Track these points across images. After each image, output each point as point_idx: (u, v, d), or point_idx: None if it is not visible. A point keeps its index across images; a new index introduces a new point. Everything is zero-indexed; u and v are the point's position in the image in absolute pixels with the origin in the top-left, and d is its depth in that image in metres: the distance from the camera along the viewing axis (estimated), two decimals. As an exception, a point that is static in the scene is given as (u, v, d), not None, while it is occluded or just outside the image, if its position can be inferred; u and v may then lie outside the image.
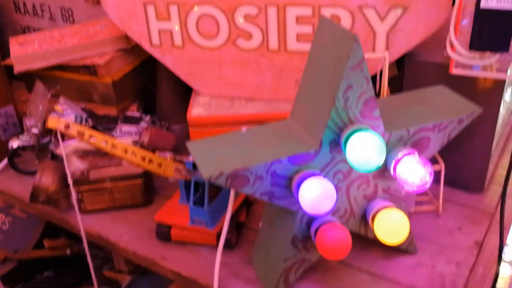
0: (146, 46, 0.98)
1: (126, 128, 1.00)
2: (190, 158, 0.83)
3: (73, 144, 0.90)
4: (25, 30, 1.33)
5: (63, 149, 0.89)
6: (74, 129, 0.65)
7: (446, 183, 0.86)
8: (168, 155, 0.79)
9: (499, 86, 0.80)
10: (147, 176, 0.92)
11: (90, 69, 0.99)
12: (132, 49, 1.05)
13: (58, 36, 1.03)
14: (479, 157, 0.87)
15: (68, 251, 1.54)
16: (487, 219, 0.86)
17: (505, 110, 0.90)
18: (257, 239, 0.80)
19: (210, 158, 0.64)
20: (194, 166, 0.83)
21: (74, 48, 0.99)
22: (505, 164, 0.92)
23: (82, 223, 0.91)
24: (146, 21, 0.95)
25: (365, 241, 0.79)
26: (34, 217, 1.68)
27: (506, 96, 0.86)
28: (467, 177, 0.90)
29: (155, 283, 1.38)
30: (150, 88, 1.13)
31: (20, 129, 1.10)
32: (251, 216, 0.90)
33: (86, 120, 1.00)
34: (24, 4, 1.28)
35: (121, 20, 0.97)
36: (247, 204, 0.90)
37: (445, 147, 0.73)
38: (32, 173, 1.05)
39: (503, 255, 0.77)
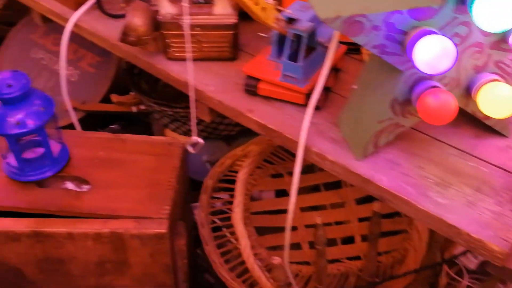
0: None
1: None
2: (288, 11, 0.80)
3: (166, -15, 0.88)
4: None
5: (156, -10, 0.88)
6: None
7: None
8: (271, 1, 0.77)
9: None
10: (237, 29, 0.90)
11: None
12: None
13: None
14: None
15: (134, 109, 1.58)
16: None
17: None
18: (348, 101, 0.79)
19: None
20: (290, 19, 0.80)
21: None
22: None
23: (168, 69, 0.92)
24: None
25: (455, 119, 0.77)
26: (102, 73, 1.71)
27: None
28: None
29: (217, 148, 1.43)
30: None
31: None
32: (338, 82, 0.89)
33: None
34: None
35: None
36: (335, 70, 0.88)
37: None
38: (117, 17, 1.05)
39: None
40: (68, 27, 1.03)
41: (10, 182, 0.91)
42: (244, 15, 0.88)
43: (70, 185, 0.93)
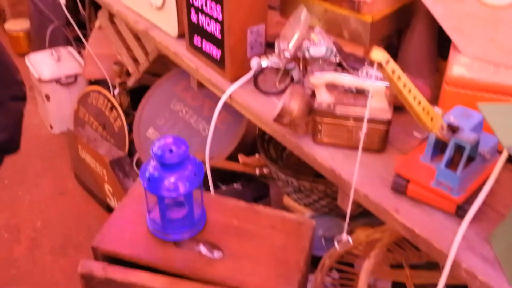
0: (420, -9, 0.93)
1: (371, 71, 0.99)
2: (451, 118, 0.79)
3: (326, 76, 0.91)
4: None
5: (317, 79, 0.91)
6: (390, 66, 0.64)
7: None
8: (437, 109, 0.76)
9: None
10: (390, 124, 0.90)
11: (354, 4, 0.98)
12: (396, -9, 1.01)
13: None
14: None
15: (257, 171, 1.63)
16: None
17: None
18: (505, 219, 0.75)
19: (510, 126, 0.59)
20: (452, 128, 0.79)
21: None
22: None
23: (315, 153, 0.94)
24: (429, -36, 0.89)
25: None
26: (232, 131, 1.79)
27: None
28: None
29: (334, 224, 1.42)
30: (398, 34, 1.09)
31: (263, 49, 1.14)
32: (492, 195, 0.85)
33: (335, 55, 1.00)
34: None
35: (401, -41, 0.92)
36: (490, 180, 0.85)
37: None
38: (269, 93, 1.10)
39: None
40: (223, 98, 1.10)
41: (152, 238, 0.96)
42: (394, 107, 0.89)
43: (203, 249, 0.96)
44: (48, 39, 2.65)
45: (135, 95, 2.14)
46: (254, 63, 1.08)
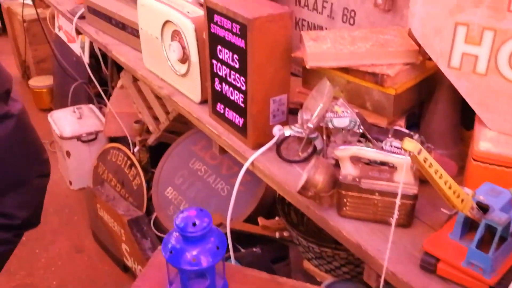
0: (443, 66, 0.94)
1: (396, 143, 0.99)
2: (480, 197, 0.78)
3: (351, 149, 0.91)
4: (298, 22, 1.39)
5: (341, 152, 0.91)
6: (422, 156, 0.64)
7: None
8: (467, 190, 0.75)
9: None
10: (416, 199, 0.89)
11: (377, 78, 0.99)
12: (419, 64, 1.02)
13: (349, 38, 1.05)
14: None
15: (277, 234, 1.61)
16: None
17: None
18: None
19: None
20: (482, 207, 0.78)
21: (366, 54, 1.00)
22: None
23: (340, 227, 0.92)
24: (452, 41, 0.91)
25: None
26: (251, 192, 1.79)
27: None
28: None
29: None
30: (420, 106, 1.09)
31: (285, 117, 1.15)
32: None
33: (359, 126, 1.01)
34: (306, -2, 1.34)
35: (424, 35, 0.94)
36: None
37: None
38: (292, 162, 1.10)
39: None
40: (246, 166, 1.10)
41: (173, 310, 0.94)
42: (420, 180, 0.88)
43: (224, 323, 0.94)
44: (70, 96, 2.72)
45: (154, 151, 2.17)
46: (277, 131, 1.09)
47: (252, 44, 1.02)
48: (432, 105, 1.04)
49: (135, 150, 2.16)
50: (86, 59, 2.50)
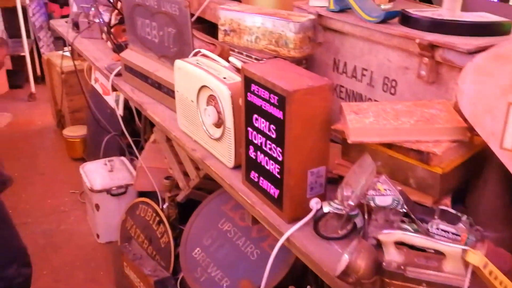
0: (494, 147, 0.88)
1: (443, 225, 0.92)
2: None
3: (397, 234, 0.85)
4: (335, 88, 1.37)
5: (386, 237, 0.85)
6: (488, 269, 0.58)
7: None
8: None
9: None
10: None
11: (423, 155, 0.94)
12: (466, 142, 0.97)
13: (392, 112, 1.01)
14: None
15: (308, 305, 1.53)
16: None
17: None
18: None
19: None
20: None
21: (411, 130, 0.95)
22: None
23: (384, 318, 0.85)
24: (504, 121, 0.86)
25: None
26: (281, 258, 1.72)
27: None
28: None
29: None
30: (466, 182, 1.03)
31: (323, 189, 1.10)
32: None
33: (402, 206, 0.95)
34: (345, 64, 1.31)
35: (474, 113, 0.89)
36: None
37: None
38: (330, 239, 1.04)
39: None
40: (281, 242, 1.05)
41: None
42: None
43: None
44: (102, 148, 2.74)
45: (183, 207, 2.13)
46: (314, 204, 1.04)
47: (290, 116, 0.99)
48: (481, 184, 0.98)
49: (164, 206, 2.13)
50: (120, 111, 2.53)
